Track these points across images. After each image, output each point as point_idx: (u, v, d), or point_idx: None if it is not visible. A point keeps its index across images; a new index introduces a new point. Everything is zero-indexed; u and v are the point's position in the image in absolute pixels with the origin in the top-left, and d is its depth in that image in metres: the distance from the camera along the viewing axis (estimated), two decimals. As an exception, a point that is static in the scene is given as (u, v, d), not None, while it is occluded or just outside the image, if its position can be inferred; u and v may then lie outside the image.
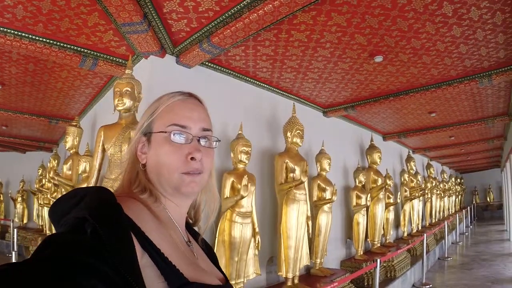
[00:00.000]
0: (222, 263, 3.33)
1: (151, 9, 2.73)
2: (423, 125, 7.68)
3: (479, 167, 20.71)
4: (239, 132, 3.79)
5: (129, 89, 2.77)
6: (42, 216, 7.70)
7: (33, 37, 3.16)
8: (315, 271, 4.53)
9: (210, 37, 3.02)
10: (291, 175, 4.07)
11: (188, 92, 0.91)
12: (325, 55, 3.78)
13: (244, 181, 3.32)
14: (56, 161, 6.58)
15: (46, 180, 5.24)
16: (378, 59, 3.84)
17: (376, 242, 6.29)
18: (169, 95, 0.89)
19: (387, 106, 5.68)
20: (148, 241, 0.68)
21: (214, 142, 0.90)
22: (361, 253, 5.77)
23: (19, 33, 3.09)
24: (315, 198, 4.72)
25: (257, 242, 3.63)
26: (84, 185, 3.90)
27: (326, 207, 4.70)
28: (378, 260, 4.00)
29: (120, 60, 3.69)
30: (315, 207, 4.67)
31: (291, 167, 4.07)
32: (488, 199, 22.58)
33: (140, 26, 2.81)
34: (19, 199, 9.09)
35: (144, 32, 2.91)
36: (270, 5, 2.47)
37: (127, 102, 2.75)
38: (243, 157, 3.60)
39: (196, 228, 1.02)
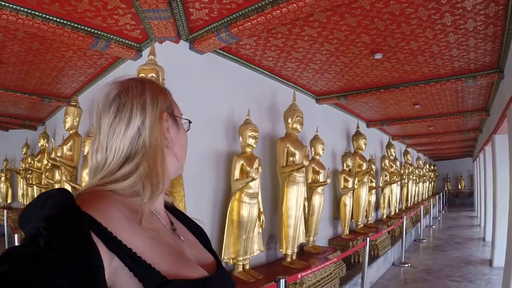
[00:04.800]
0: (230, 241, 3.60)
1: (178, -2, 2.83)
2: (406, 115, 8.09)
3: (452, 156, 21.66)
4: (247, 117, 3.97)
5: (154, 75, 2.86)
6: (28, 195, 7.63)
7: (47, 16, 3.07)
8: (308, 248, 4.87)
9: (229, 27, 3.16)
10: (291, 159, 4.31)
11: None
12: (330, 50, 4.01)
13: (256, 164, 3.57)
14: (46, 140, 6.50)
15: (46, 160, 5.15)
16: (378, 56, 4.12)
17: (360, 223, 6.76)
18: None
19: (377, 97, 5.98)
20: (116, 242, 0.63)
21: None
22: (347, 233, 6.20)
23: (32, 12, 2.98)
24: (309, 181, 5.00)
25: (261, 221, 3.88)
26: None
27: (319, 189, 5.02)
28: (368, 239, 4.37)
29: (132, 43, 3.74)
30: (310, 189, 4.94)
31: (292, 151, 4.32)
32: (459, 186, 23.62)
33: (164, 13, 2.92)
34: (2, 178, 8.89)
35: (166, 19, 3.02)
36: (295, 5, 2.65)
37: (153, 88, 2.83)
38: (251, 141, 3.78)
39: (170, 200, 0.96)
